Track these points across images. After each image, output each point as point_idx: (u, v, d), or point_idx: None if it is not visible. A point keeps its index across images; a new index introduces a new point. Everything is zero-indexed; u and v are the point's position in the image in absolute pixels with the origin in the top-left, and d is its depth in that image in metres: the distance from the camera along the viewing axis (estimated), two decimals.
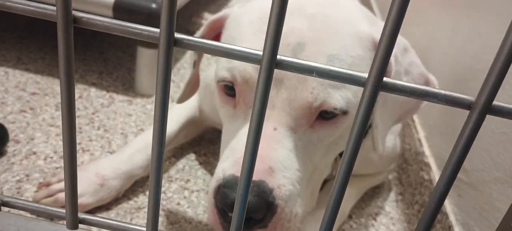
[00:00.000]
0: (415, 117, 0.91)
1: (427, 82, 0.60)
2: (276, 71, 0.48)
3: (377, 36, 0.53)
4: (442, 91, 0.25)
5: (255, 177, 0.46)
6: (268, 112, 0.50)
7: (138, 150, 0.73)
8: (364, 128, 0.27)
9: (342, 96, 0.50)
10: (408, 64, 0.57)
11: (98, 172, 0.69)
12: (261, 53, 0.25)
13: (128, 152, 0.73)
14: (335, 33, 0.51)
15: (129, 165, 0.72)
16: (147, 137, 0.76)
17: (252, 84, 0.51)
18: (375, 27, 0.55)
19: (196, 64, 0.68)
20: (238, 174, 0.46)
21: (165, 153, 0.71)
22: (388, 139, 0.77)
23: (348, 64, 0.51)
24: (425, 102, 0.61)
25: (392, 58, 0.53)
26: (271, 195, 0.47)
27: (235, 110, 0.55)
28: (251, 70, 0.51)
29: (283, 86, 0.50)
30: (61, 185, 0.68)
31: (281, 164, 0.49)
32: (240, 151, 0.50)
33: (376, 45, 0.53)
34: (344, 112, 0.52)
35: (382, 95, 0.53)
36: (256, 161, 0.44)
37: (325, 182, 0.78)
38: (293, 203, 0.50)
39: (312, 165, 0.54)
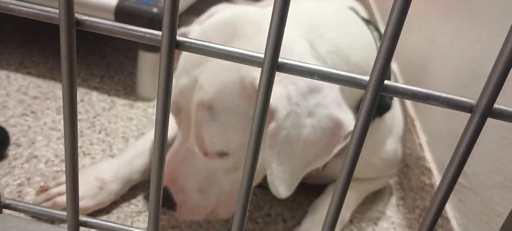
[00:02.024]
0: (416, 122, 0.91)
1: (337, 126, 0.54)
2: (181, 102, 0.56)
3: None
4: (443, 95, 0.25)
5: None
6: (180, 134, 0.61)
7: (137, 154, 0.74)
8: (365, 132, 0.27)
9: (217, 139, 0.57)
10: (313, 105, 0.53)
11: (97, 176, 0.69)
12: (262, 56, 0.25)
13: (128, 156, 0.73)
14: (219, 83, 0.54)
15: (128, 170, 0.72)
16: (146, 142, 0.76)
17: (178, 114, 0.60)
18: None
19: None
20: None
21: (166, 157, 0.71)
22: (389, 143, 0.77)
23: (229, 113, 0.54)
24: (336, 149, 0.56)
25: (279, 100, 0.51)
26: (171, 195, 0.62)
27: None
28: (177, 103, 0.58)
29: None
30: (60, 188, 0.68)
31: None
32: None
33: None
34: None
35: (274, 136, 0.53)
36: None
37: (326, 185, 0.78)
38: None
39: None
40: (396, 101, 0.77)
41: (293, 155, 0.54)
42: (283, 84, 0.52)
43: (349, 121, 0.55)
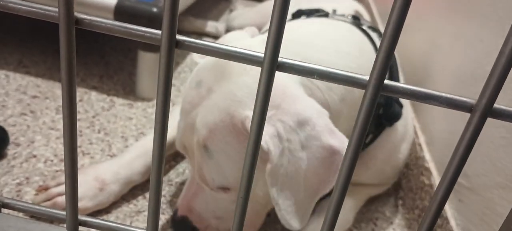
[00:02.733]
0: (415, 122, 0.91)
1: (332, 154, 0.54)
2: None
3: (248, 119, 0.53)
4: (444, 94, 0.25)
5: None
6: None
7: (138, 155, 0.73)
8: (364, 132, 0.27)
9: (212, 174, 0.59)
10: (305, 138, 0.53)
11: (97, 176, 0.69)
12: (262, 55, 0.25)
13: (128, 157, 0.73)
14: (211, 123, 0.56)
15: (129, 171, 0.72)
16: (147, 143, 0.76)
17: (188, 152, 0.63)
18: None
19: None
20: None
21: (165, 157, 0.71)
22: (402, 150, 0.77)
23: (221, 151, 0.56)
24: (337, 174, 0.54)
25: (270, 140, 0.52)
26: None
27: None
28: (182, 142, 0.62)
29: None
30: (60, 188, 0.68)
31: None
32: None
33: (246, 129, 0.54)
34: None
35: (273, 175, 0.53)
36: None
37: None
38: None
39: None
40: (407, 108, 0.76)
41: (297, 188, 0.55)
42: (271, 123, 0.52)
43: (343, 145, 0.54)
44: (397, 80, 0.73)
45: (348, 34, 0.68)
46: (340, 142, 0.54)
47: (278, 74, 0.24)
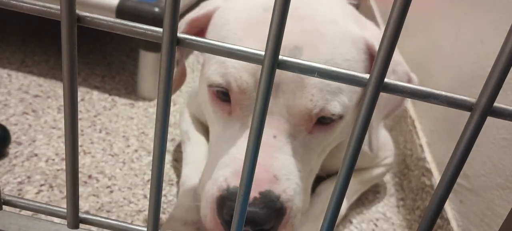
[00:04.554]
0: (416, 123, 0.91)
1: (409, 81, 0.60)
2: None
3: (368, 37, 0.54)
4: (444, 93, 0.25)
5: (262, 187, 0.48)
6: (267, 119, 0.49)
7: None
8: (366, 129, 0.27)
9: (339, 102, 0.51)
10: (394, 64, 0.57)
11: None
12: (263, 53, 0.25)
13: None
14: (327, 37, 0.51)
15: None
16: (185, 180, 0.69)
17: (249, 93, 0.50)
18: (365, 29, 0.56)
19: (179, 62, 0.68)
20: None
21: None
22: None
23: (345, 68, 0.50)
24: (409, 100, 0.61)
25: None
26: (279, 201, 0.48)
27: (230, 117, 0.54)
28: (247, 78, 0.49)
29: (280, 91, 0.50)
30: None
31: (284, 170, 0.50)
32: (241, 161, 0.49)
33: (369, 47, 0.54)
34: (341, 117, 0.52)
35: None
36: (260, 171, 0.49)
37: (318, 181, 0.77)
38: (298, 200, 0.51)
39: (309, 166, 0.55)
40: None
41: (381, 109, 0.58)
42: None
43: (414, 76, 0.61)
44: None
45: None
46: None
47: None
